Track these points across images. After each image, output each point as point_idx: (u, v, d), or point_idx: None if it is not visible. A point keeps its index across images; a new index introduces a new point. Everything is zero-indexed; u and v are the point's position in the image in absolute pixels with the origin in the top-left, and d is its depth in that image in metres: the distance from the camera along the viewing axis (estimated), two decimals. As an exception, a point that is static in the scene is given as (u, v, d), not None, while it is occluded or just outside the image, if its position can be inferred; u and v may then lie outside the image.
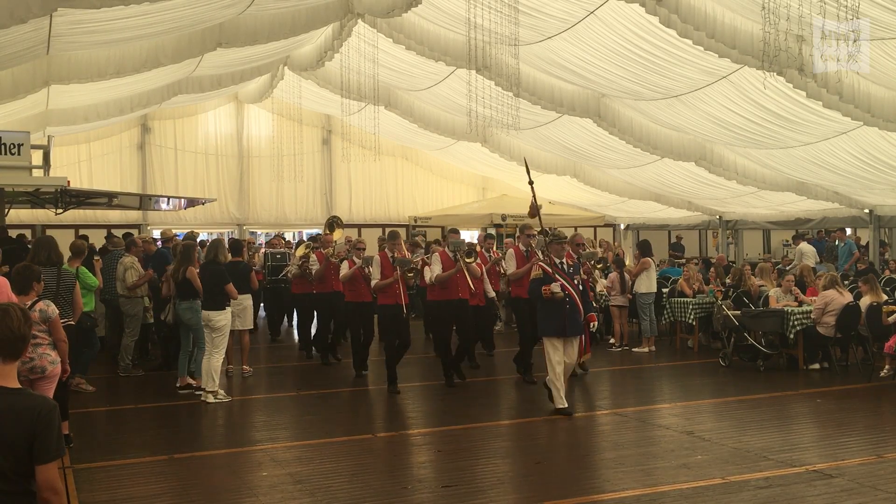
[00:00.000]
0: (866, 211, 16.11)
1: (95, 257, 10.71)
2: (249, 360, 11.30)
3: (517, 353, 10.58)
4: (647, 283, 12.78)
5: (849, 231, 17.70)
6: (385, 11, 11.90)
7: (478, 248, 11.06)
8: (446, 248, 10.16)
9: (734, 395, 9.32)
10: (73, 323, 7.83)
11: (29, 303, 6.65)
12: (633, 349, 12.80)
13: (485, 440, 7.64)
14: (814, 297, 11.42)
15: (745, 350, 11.62)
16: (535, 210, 9.56)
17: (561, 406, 8.33)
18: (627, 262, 15.76)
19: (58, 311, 6.81)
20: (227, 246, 10.90)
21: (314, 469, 6.79)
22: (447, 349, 10.19)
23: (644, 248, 13.21)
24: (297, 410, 9.23)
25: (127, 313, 11.00)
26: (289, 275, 13.12)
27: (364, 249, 11.14)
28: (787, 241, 22.14)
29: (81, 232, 16.90)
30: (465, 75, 13.60)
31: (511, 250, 10.60)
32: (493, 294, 11.55)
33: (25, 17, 7.65)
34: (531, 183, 9.70)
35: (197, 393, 9.62)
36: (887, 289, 12.68)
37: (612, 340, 13.23)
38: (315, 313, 12.78)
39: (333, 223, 13.93)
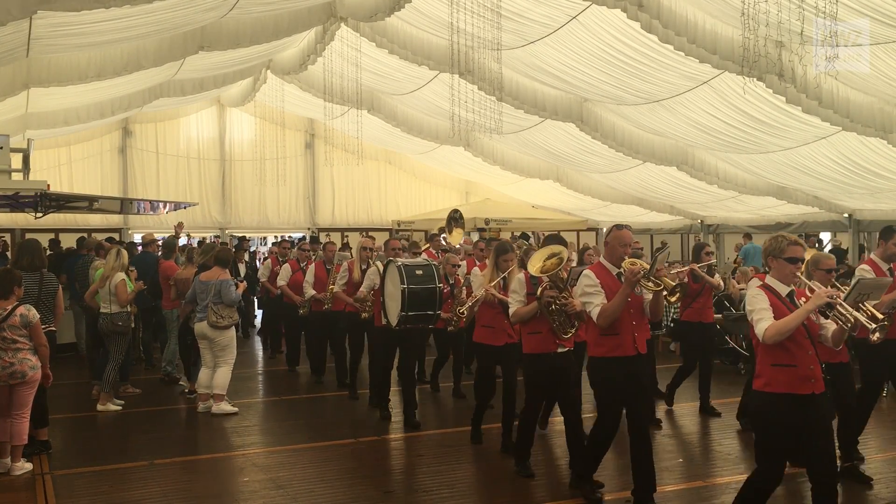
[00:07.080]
0: (845, 215, 16.26)
1: (130, 267, 10.43)
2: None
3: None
4: None
5: (827, 235, 17.79)
6: (368, 15, 11.90)
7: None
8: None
9: (717, 399, 9.32)
10: (54, 329, 7.78)
11: (9, 307, 6.61)
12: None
13: (468, 444, 7.63)
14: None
15: (726, 353, 11.65)
16: None
17: None
18: None
19: (39, 316, 6.78)
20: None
21: (296, 474, 6.76)
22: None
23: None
24: (279, 415, 9.19)
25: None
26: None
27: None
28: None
29: (61, 237, 16.79)
30: (448, 79, 13.58)
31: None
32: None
33: (4, 19, 7.59)
34: None
35: (191, 395, 9.65)
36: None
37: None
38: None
39: (452, 220, 9.79)
